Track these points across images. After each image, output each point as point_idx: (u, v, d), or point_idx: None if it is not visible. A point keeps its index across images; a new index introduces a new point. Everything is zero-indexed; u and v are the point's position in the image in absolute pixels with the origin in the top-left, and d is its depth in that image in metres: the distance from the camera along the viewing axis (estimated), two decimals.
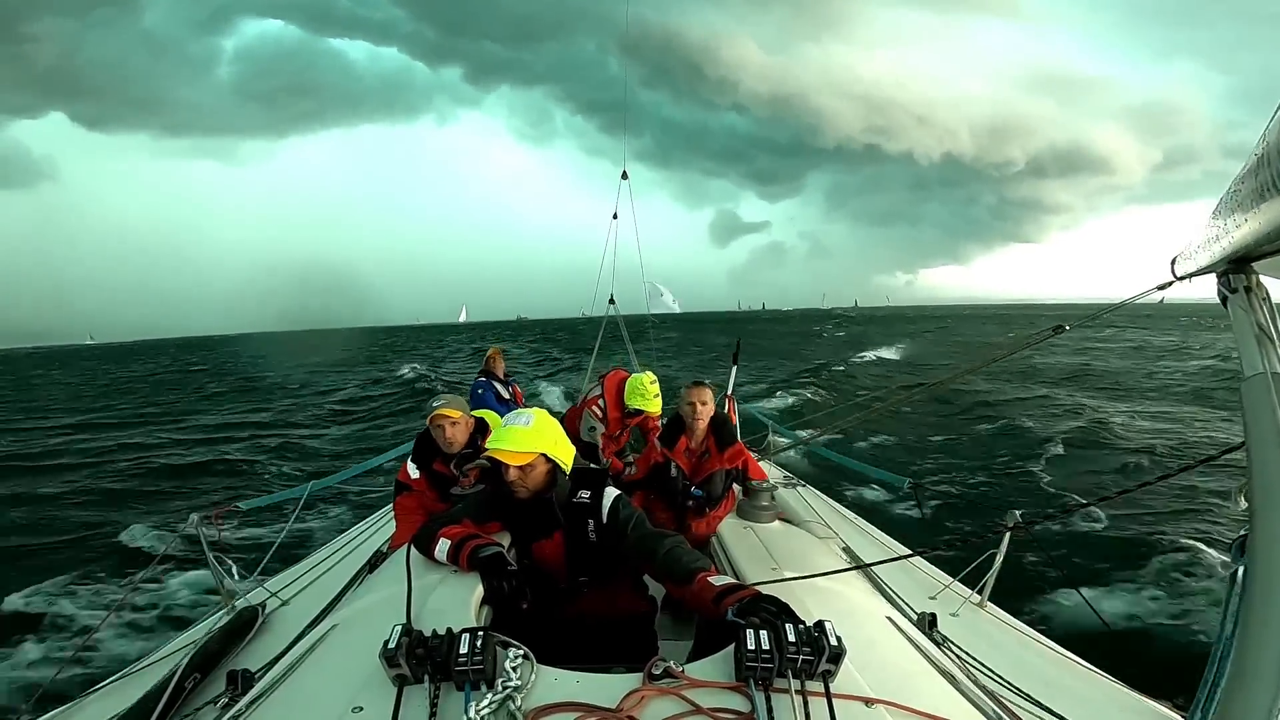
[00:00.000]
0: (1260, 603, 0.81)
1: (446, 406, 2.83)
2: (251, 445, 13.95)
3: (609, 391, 4.38)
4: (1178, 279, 1.45)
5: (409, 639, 1.23)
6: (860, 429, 11.18)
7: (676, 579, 1.75)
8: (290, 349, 51.13)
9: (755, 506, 2.84)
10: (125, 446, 14.42)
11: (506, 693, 1.17)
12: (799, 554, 2.43)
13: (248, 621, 2.55)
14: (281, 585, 3.12)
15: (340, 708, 1.20)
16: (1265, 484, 0.87)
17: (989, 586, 2.85)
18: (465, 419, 2.87)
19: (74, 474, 11.78)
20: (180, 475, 11.37)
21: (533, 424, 1.99)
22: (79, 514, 9.11)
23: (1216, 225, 1.06)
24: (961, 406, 13.80)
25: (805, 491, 4.15)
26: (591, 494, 2.05)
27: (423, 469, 2.95)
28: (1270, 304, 1.03)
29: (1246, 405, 0.94)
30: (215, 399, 24.11)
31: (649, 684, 1.22)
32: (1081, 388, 16.92)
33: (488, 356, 6.61)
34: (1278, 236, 0.83)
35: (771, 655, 1.19)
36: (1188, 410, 13.12)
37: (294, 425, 16.68)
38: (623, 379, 4.35)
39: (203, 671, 2.10)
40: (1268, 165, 0.77)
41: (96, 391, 30.43)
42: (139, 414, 20.57)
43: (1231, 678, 0.80)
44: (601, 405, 4.36)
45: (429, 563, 1.94)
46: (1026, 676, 1.99)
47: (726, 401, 5.75)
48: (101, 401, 25.45)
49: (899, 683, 1.29)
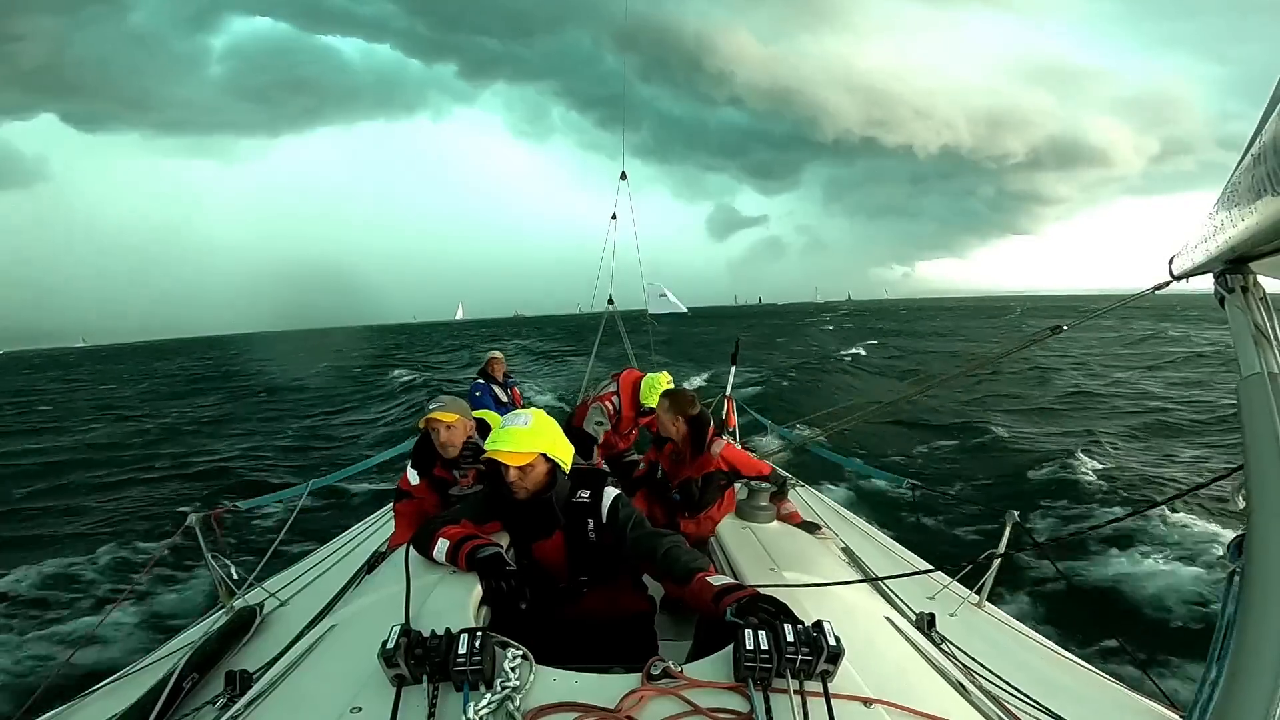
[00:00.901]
0: (1257, 602, 0.81)
1: (442, 410, 2.75)
2: (251, 445, 13.94)
3: (624, 390, 4.36)
4: (1174, 279, 1.45)
5: (408, 639, 1.23)
6: (859, 429, 11.18)
7: (675, 578, 1.75)
8: (286, 349, 50.99)
9: (754, 507, 2.84)
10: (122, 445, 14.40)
11: (505, 693, 1.17)
12: (798, 554, 2.43)
13: (246, 622, 2.55)
14: (280, 586, 3.11)
15: (339, 708, 1.20)
16: (1262, 484, 0.87)
17: (987, 587, 2.85)
18: (462, 422, 2.79)
19: (68, 472, 11.79)
20: (178, 477, 11.36)
21: (531, 424, 2.00)
22: (78, 513, 9.10)
23: (1213, 225, 1.06)
24: (962, 407, 13.80)
25: (804, 491, 4.15)
26: (591, 494, 2.05)
27: (423, 475, 2.91)
28: (1268, 304, 1.04)
29: (1244, 405, 0.94)
30: (206, 396, 24.10)
31: (648, 684, 1.22)
32: (1083, 388, 16.92)
33: (487, 359, 6.62)
34: (1274, 236, 0.83)
35: (770, 655, 1.19)
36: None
37: (291, 424, 16.68)
38: (638, 378, 4.33)
39: (201, 672, 2.10)
40: (1263, 163, 0.77)
41: (96, 394, 30.42)
42: (138, 415, 20.55)
43: (1229, 677, 0.80)
44: (615, 403, 4.35)
45: (428, 563, 1.94)
46: (1024, 676, 1.99)
47: (725, 402, 5.75)
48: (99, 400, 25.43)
49: (897, 683, 1.29)
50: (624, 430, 4.46)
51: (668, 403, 3.05)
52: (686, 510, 2.99)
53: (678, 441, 3.06)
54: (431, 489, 2.91)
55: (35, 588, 6.38)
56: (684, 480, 3.03)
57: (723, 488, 2.98)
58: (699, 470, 2.97)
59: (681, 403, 3.02)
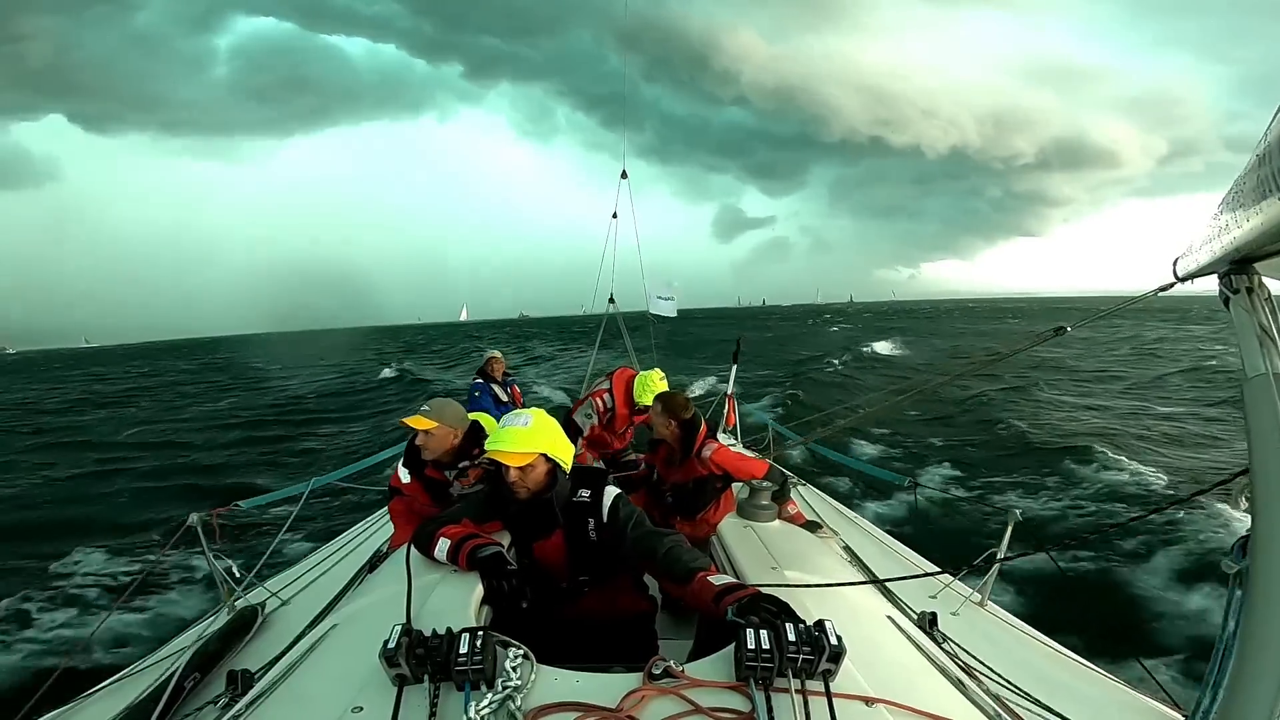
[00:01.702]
0: (1262, 602, 0.81)
1: (423, 415, 2.64)
2: (248, 447, 13.96)
3: (617, 388, 4.32)
4: (1179, 280, 1.44)
5: (409, 639, 1.22)
6: (861, 429, 11.18)
7: (676, 578, 1.75)
8: (289, 351, 50.89)
9: (756, 506, 2.84)
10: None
11: (506, 692, 1.17)
12: (799, 553, 2.43)
13: (247, 621, 2.55)
14: (281, 585, 3.11)
15: (340, 708, 1.20)
16: (1266, 485, 0.87)
17: (989, 586, 2.85)
18: (443, 429, 2.67)
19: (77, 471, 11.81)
20: (178, 477, 11.37)
21: (531, 424, 1.99)
22: (75, 515, 9.11)
23: (1217, 225, 1.06)
24: (963, 407, 13.80)
25: (805, 490, 4.15)
26: (592, 493, 2.05)
27: (415, 474, 2.87)
28: (1273, 305, 1.03)
29: (1248, 406, 0.94)
30: (215, 398, 24.13)
31: (649, 683, 1.22)
32: (1084, 387, 16.91)
33: (486, 358, 6.62)
34: (1279, 237, 0.82)
35: (772, 655, 1.19)
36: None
37: (290, 425, 16.70)
38: (631, 376, 4.31)
39: (202, 671, 2.10)
40: (1268, 163, 0.76)
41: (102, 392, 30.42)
42: (137, 417, 20.58)
43: (1233, 676, 0.80)
44: (607, 401, 4.33)
45: (429, 562, 1.94)
46: (1026, 675, 1.99)
47: (726, 401, 5.74)
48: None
49: (899, 682, 1.29)
50: (619, 429, 4.45)
51: (660, 405, 3.03)
52: (679, 514, 2.98)
53: (671, 443, 3.05)
54: (423, 488, 2.88)
55: (35, 588, 6.39)
56: (677, 484, 3.02)
57: (718, 490, 2.96)
58: (688, 474, 2.96)
59: (674, 405, 3.01)
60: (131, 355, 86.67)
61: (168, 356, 69.82)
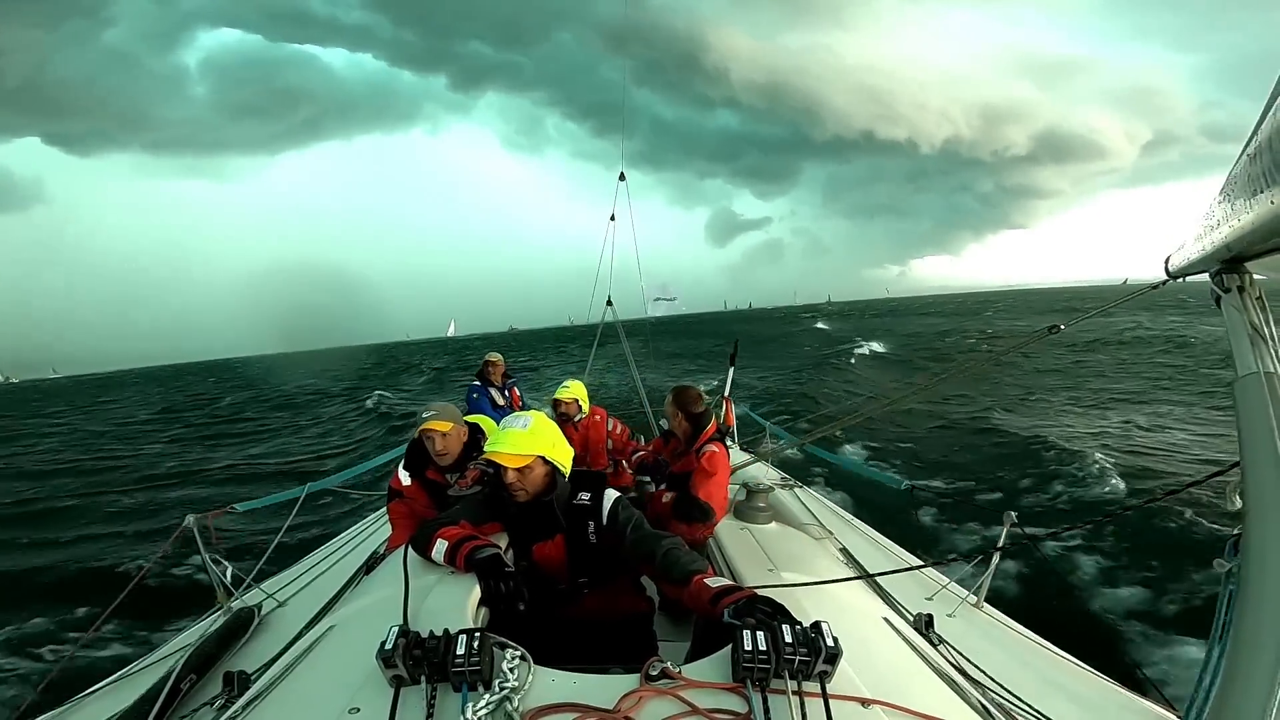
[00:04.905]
0: (1254, 600, 0.82)
1: (436, 419, 2.76)
2: (247, 450, 13.92)
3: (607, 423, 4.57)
4: (1171, 278, 1.45)
5: (406, 640, 1.22)
6: (857, 431, 11.19)
7: (674, 580, 1.75)
8: (283, 372, 49.83)
9: (752, 508, 2.84)
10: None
11: (504, 693, 1.17)
12: (796, 555, 2.43)
13: (244, 623, 2.55)
14: (278, 587, 3.11)
15: (337, 709, 1.20)
16: (1258, 483, 0.87)
17: (985, 587, 2.85)
18: (457, 429, 2.81)
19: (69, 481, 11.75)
20: (177, 479, 11.33)
21: (530, 426, 2.00)
22: (77, 518, 9.08)
23: (1208, 223, 1.07)
24: (959, 408, 13.82)
25: (802, 493, 4.15)
26: (591, 496, 2.06)
27: (415, 476, 2.93)
28: (1264, 303, 1.04)
29: (1239, 404, 0.95)
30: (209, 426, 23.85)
31: (646, 684, 1.22)
32: (1085, 386, 16.95)
33: (485, 362, 6.61)
34: (1270, 235, 0.83)
35: (768, 656, 1.19)
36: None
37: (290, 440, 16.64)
38: (600, 411, 4.61)
39: (199, 673, 2.09)
40: (1259, 161, 0.77)
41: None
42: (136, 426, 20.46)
43: (1225, 676, 0.81)
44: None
45: (426, 564, 1.94)
46: (1023, 677, 1.99)
47: (724, 403, 5.75)
48: None
49: (895, 683, 1.29)
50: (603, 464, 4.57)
51: (672, 397, 3.14)
52: (675, 516, 3.01)
53: (679, 435, 3.17)
54: (423, 490, 2.93)
55: (34, 589, 6.36)
56: (674, 474, 3.12)
57: (705, 512, 2.81)
58: (686, 467, 3.03)
59: (685, 399, 3.10)
60: (101, 384, 79.22)
61: (145, 384, 64.27)
